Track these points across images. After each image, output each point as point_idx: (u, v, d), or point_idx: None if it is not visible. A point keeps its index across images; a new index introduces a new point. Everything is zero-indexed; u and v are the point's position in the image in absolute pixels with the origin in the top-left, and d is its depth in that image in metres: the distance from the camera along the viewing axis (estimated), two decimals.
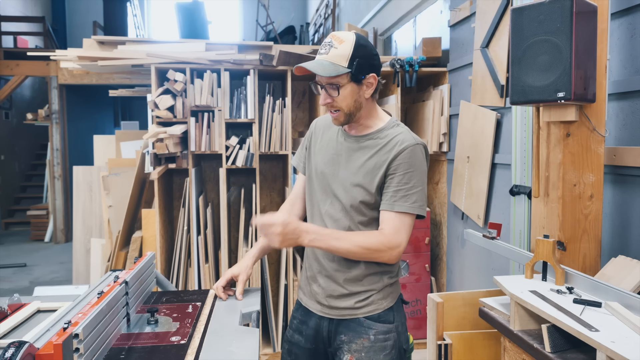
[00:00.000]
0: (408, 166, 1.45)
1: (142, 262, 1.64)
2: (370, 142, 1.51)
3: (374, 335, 1.50)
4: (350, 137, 1.55)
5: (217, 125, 3.24)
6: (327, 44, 1.45)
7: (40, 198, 9.50)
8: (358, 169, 1.50)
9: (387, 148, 1.47)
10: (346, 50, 1.42)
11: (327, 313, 1.55)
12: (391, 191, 1.46)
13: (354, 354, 1.49)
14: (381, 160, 1.47)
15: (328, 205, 1.54)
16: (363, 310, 1.51)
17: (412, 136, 1.49)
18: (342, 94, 1.45)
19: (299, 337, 1.62)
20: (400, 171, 1.45)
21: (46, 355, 1.00)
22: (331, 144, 1.58)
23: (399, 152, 1.45)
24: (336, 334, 1.54)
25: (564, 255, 1.77)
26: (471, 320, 2.01)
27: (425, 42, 3.52)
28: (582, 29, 1.60)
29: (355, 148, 1.52)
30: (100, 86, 7.56)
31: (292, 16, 11.58)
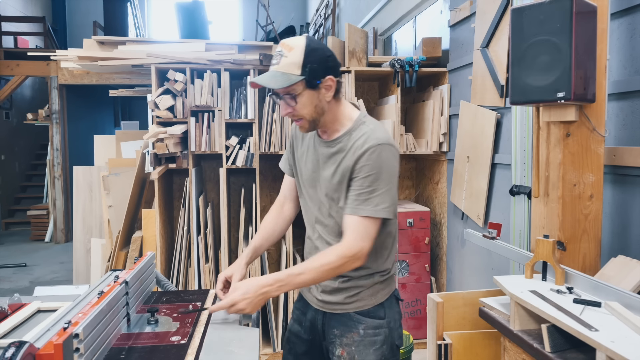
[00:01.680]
0: (370, 168, 1.40)
1: (142, 262, 1.64)
2: (340, 146, 1.48)
3: (364, 330, 1.52)
4: (323, 142, 1.53)
5: (217, 125, 3.24)
6: (278, 53, 1.41)
7: (40, 198, 9.50)
8: (332, 176, 1.49)
9: (351, 151, 1.44)
10: (297, 58, 1.38)
11: (322, 307, 1.58)
12: (353, 195, 1.42)
13: (345, 347, 1.52)
14: (347, 165, 1.45)
15: (317, 212, 1.56)
16: (353, 306, 1.53)
17: (376, 135, 1.43)
18: (301, 102, 1.42)
19: (298, 327, 1.66)
20: (362, 174, 1.41)
21: (46, 355, 1.00)
22: (310, 150, 1.58)
23: (361, 154, 1.41)
24: (329, 327, 1.56)
25: (564, 255, 1.77)
26: (471, 320, 2.01)
27: (425, 42, 3.52)
28: (582, 29, 1.60)
29: (328, 154, 1.51)
30: (100, 86, 7.56)
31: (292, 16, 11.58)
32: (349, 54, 3.42)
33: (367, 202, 1.40)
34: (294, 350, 1.67)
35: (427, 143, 3.46)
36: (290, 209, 1.73)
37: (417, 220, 3.42)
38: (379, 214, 1.40)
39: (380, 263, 1.54)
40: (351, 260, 1.39)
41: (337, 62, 1.47)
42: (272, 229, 1.71)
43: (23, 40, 9.81)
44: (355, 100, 3.40)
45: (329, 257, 1.39)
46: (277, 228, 1.71)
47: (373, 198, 1.40)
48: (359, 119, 1.50)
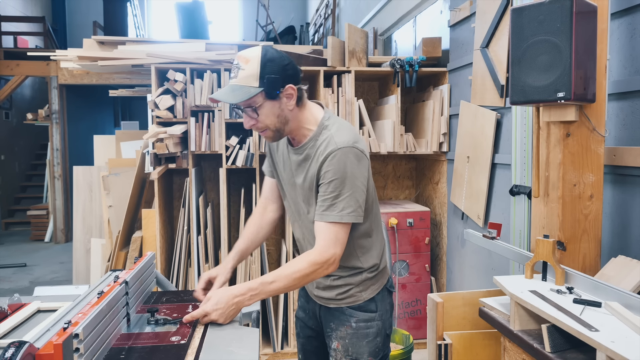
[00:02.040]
0: (332, 174, 1.40)
1: (142, 262, 1.64)
2: (307, 153, 1.49)
3: (356, 323, 1.56)
4: (292, 149, 1.54)
5: (217, 125, 3.24)
6: (235, 66, 1.40)
7: (40, 198, 9.50)
8: (303, 182, 1.52)
9: (316, 157, 1.45)
10: (253, 70, 1.37)
11: (318, 300, 1.65)
12: (319, 201, 1.43)
13: (340, 340, 1.57)
14: (314, 171, 1.46)
15: (298, 216, 1.60)
16: (345, 301, 1.58)
17: (337, 140, 1.42)
18: (263, 114, 1.41)
19: (302, 314, 1.76)
20: (326, 179, 1.41)
21: (46, 355, 1.00)
22: (285, 156, 1.59)
23: (323, 160, 1.42)
24: (326, 320, 1.63)
25: (564, 255, 1.77)
26: (471, 320, 2.02)
27: (425, 42, 3.52)
28: (582, 29, 1.60)
29: (298, 162, 1.52)
30: (100, 86, 7.55)
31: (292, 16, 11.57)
32: (349, 54, 3.42)
33: (332, 207, 1.41)
34: (303, 334, 1.77)
35: (427, 143, 3.46)
36: (273, 210, 1.73)
37: (417, 220, 3.42)
38: (345, 219, 1.41)
39: (366, 261, 1.56)
40: (323, 266, 1.41)
41: (296, 70, 1.46)
42: (256, 232, 1.71)
43: (23, 40, 9.81)
44: (355, 101, 3.40)
45: (301, 265, 1.41)
46: (262, 231, 1.72)
47: (337, 203, 1.40)
48: (321, 123, 1.49)
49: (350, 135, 1.45)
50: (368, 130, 3.41)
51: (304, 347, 1.78)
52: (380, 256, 1.60)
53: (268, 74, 1.38)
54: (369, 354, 1.56)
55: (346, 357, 1.56)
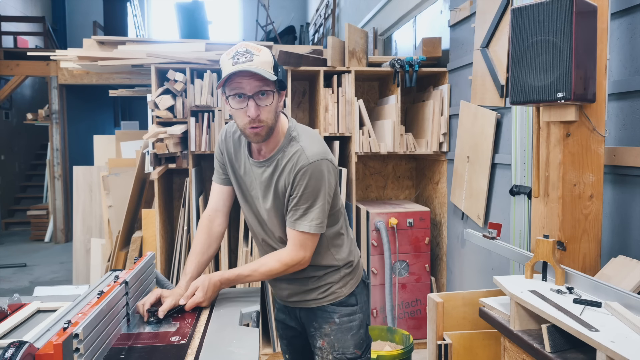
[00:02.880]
0: (304, 187, 1.44)
1: (142, 262, 1.64)
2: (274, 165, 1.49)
3: (339, 318, 1.60)
4: (255, 163, 1.53)
5: (217, 125, 3.24)
6: (245, 52, 1.36)
7: (40, 198, 9.50)
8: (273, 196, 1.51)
9: (286, 171, 1.47)
10: (269, 58, 1.38)
11: (297, 304, 1.67)
12: (292, 209, 1.48)
13: (325, 338, 1.60)
14: (283, 185, 1.48)
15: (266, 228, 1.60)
16: (326, 299, 1.62)
17: (309, 154, 1.45)
18: (269, 106, 1.41)
19: (283, 315, 1.77)
20: (298, 192, 1.45)
21: (46, 355, 1.00)
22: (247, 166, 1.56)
23: (295, 175, 1.45)
24: (308, 320, 1.65)
25: (564, 255, 1.77)
26: (471, 320, 2.01)
27: (425, 42, 3.52)
28: (582, 29, 1.60)
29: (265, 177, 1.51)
30: (100, 86, 7.55)
31: (292, 16, 11.57)
32: (349, 54, 3.42)
33: (303, 218, 1.47)
34: (286, 335, 1.79)
35: (427, 143, 3.46)
36: (221, 224, 1.69)
37: (417, 220, 3.42)
38: (313, 230, 1.48)
39: (342, 258, 1.62)
40: (294, 267, 1.52)
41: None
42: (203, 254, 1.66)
43: (23, 40, 9.81)
44: (355, 101, 3.40)
45: (274, 264, 1.51)
46: (210, 249, 1.68)
47: (308, 214, 1.47)
48: (288, 133, 1.50)
49: (320, 146, 1.49)
50: (368, 130, 3.41)
51: (289, 347, 1.80)
52: (352, 251, 1.67)
53: (278, 67, 1.42)
54: (354, 347, 1.61)
55: (333, 353, 1.59)
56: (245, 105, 1.40)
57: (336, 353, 1.59)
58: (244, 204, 1.63)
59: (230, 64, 1.37)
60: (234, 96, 1.41)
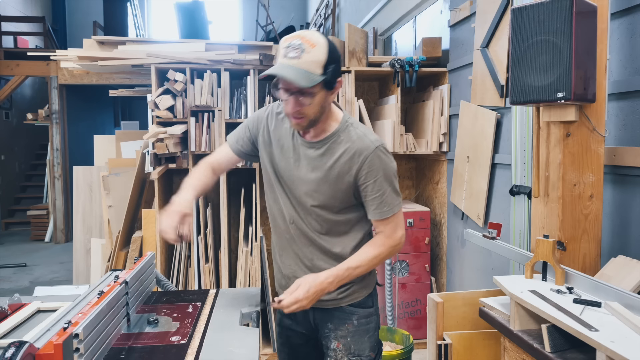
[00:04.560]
0: (375, 173, 1.43)
1: (142, 262, 1.64)
2: (327, 148, 1.46)
3: (357, 320, 1.56)
4: (306, 143, 1.48)
5: (217, 125, 3.24)
6: (297, 46, 1.32)
7: (40, 198, 9.49)
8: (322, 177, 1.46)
9: (346, 157, 1.44)
10: (320, 57, 1.33)
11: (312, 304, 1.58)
12: (370, 200, 1.47)
13: (340, 340, 1.55)
14: (344, 170, 1.44)
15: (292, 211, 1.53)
16: (346, 300, 1.56)
17: (368, 140, 1.44)
18: (313, 103, 1.37)
19: (289, 321, 1.66)
20: (370, 180, 1.44)
21: (46, 355, 1.00)
22: (287, 145, 1.52)
23: (361, 163, 1.43)
24: (322, 321, 1.58)
25: (564, 255, 1.77)
26: (471, 320, 2.01)
27: (425, 42, 3.52)
28: (582, 29, 1.60)
29: (314, 156, 1.47)
30: (100, 86, 7.55)
31: (292, 16, 11.57)
32: (349, 54, 3.42)
33: (383, 204, 1.46)
34: (290, 342, 1.69)
35: (427, 143, 3.46)
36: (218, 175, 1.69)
37: (417, 220, 3.42)
38: (396, 210, 1.48)
39: None
40: (396, 248, 1.51)
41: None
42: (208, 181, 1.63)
43: (23, 40, 9.80)
44: (355, 101, 3.40)
45: (380, 249, 1.49)
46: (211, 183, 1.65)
47: (386, 199, 1.46)
48: (344, 120, 1.49)
49: (375, 134, 1.51)
50: None
51: (291, 356, 1.70)
52: None
53: (331, 63, 1.35)
54: (369, 349, 1.56)
55: (348, 355, 1.54)
56: (286, 97, 1.38)
57: (352, 355, 1.54)
58: (276, 185, 1.55)
59: (281, 56, 1.34)
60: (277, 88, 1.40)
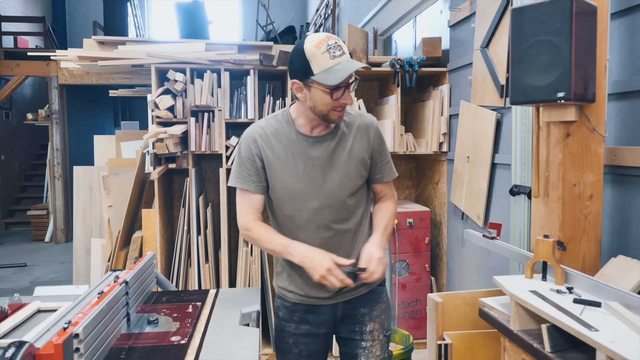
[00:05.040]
0: (381, 140, 1.64)
1: (142, 262, 1.64)
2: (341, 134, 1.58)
3: (384, 297, 1.70)
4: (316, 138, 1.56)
5: (217, 125, 3.24)
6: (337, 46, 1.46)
7: (40, 198, 9.50)
8: (346, 162, 1.57)
9: (361, 133, 1.60)
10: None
11: (344, 297, 1.62)
12: (382, 165, 1.65)
13: (376, 320, 1.64)
14: (362, 146, 1.59)
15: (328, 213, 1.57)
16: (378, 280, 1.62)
17: (368, 115, 1.66)
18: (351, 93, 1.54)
19: (306, 326, 1.63)
20: (382, 146, 1.65)
21: (46, 355, 1.00)
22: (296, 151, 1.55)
23: (374, 134, 1.62)
24: (353, 309, 1.64)
25: (564, 255, 1.77)
26: (471, 320, 2.01)
27: (425, 42, 3.52)
28: (582, 29, 1.60)
29: (332, 146, 1.57)
30: (100, 86, 7.56)
31: (292, 16, 11.57)
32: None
33: (389, 168, 1.67)
34: (308, 349, 1.64)
35: (427, 143, 3.46)
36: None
37: (417, 220, 3.42)
38: (395, 175, 1.70)
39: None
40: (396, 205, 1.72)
41: None
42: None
43: (23, 40, 9.81)
44: (355, 101, 3.40)
45: (394, 206, 1.70)
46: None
47: (390, 164, 1.68)
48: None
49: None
50: None
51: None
52: None
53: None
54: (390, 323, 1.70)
55: (383, 332, 1.65)
56: (340, 94, 1.49)
57: (385, 331, 1.65)
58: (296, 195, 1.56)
59: (328, 58, 1.44)
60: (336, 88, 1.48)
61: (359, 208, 1.63)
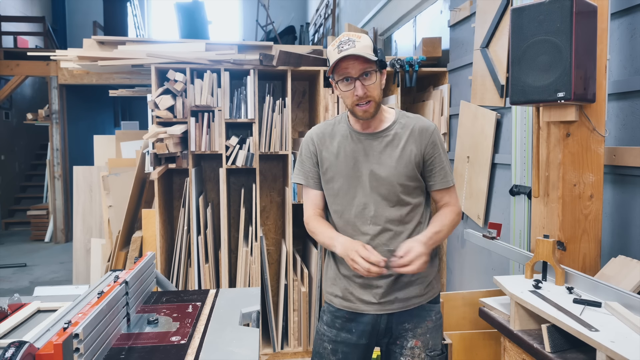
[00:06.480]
0: (439, 147, 1.61)
1: (142, 262, 1.64)
2: (393, 133, 1.59)
3: (435, 316, 1.63)
4: (369, 135, 1.60)
5: (217, 125, 3.24)
6: (348, 41, 1.49)
7: (40, 198, 9.50)
8: (397, 160, 1.57)
9: (414, 136, 1.59)
10: (369, 42, 1.51)
11: (388, 309, 1.59)
12: (437, 172, 1.61)
13: (419, 337, 1.59)
14: (414, 148, 1.58)
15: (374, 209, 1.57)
16: (427, 296, 1.62)
17: (427, 120, 1.64)
18: (373, 83, 1.52)
19: (347, 335, 1.63)
20: (437, 153, 1.60)
21: (46, 355, 1.00)
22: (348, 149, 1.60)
23: (429, 138, 1.59)
24: (398, 324, 1.61)
25: (564, 255, 1.77)
26: (471, 320, 2.02)
27: (425, 42, 3.52)
28: (582, 29, 1.60)
29: (383, 143, 1.59)
30: (100, 86, 7.55)
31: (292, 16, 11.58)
32: None
33: (448, 174, 1.62)
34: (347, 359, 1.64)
35: None
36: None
37: None
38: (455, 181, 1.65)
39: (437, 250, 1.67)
40: (459, 217, 1.64)
41: None
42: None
43: (23, 40, 9.81)
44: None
45: (453, 215, 1.61)
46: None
47: (448, 170, 1.63)
48: (397, 110, 1.67)
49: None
50: None
51: None
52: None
53: (377, 48, 1.55)
54: (440, 343, 1.64)
55: (426, 351, 1.60)
56: (353, 86, 1.51)
57: (429, 351, 1.60)
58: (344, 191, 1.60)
59: (336, 53, 1.50)
60: (342, 80, 1.53)
61: (414, 213, 1.60)
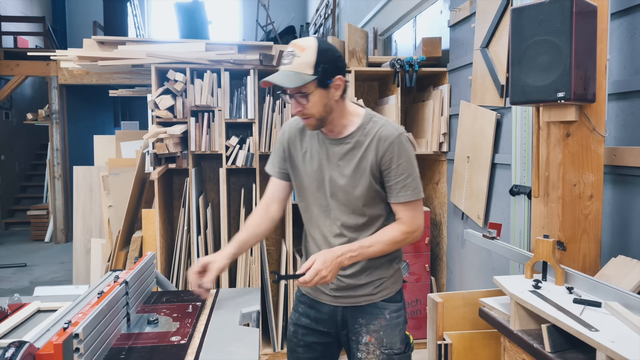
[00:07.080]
0: (397, 158, 1.51)
1: (142, 262, 1.64)
2: (355, 141, 1.54)
3: (389, 314, 1.62)
4: (332, 140, 1.57)
5: (217, 125, 3.24)
6: (289, 53, 1.45)
7: (40, 198, 9.50)
8: (354, 170, 1.54)
9: (373, 145, 1.52)
10: (310, 58, 1.43)
11: (342, 302, 1.63)
12: (392, 185, 1.53)
13: (373, 334, 1.60)
14: (371, 158, 1.52)
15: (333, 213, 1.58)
16: (378, 295, 1.62)
17: (393, 127, 1.53)
18: (312, 101, 1.46)
19: (307, 320, 1.69)
20: (393, 165, 1.51)
21: (46, 355, 1.00)
22: (313, 150, 1.60)
23: (386, 147, 1.50)
24: (352, 318, 1.63)
25: (564, 255, 1.77)
26: (471, 320, 2.01)
27: (425, 42, 3.52)
28: (582, 29, 1.60)
29: (343, 151, 1.55)
30: (100, 86, 7.55)
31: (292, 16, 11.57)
32: (349, 54, 3.42)
33: (406, 187, 1.52)
34: (304, 340, 1.70)
35: (427, 143, 3.46)
36: (276, 210, 1.71)
37: None
38: (417, 196, 1.54)
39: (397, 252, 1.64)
40: (412, 235, 1.55)
41: (344, 63, 1.57)
42: (257, 226, 1.68)
43: (23, 40, 9.81)
44: (355, 100, 3.40)
45: (395, 233, 1.54)
46: (263, 226, 1.69)
47: (409, 183, 1.53)
48: (367, 114, 1.58)
49: (398, 124, 1.60)
50: None
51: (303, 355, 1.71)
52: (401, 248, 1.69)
53: (322, 63, 1.44)
54: (400, 342, 1.64)
55: (381, 348, 1.60)
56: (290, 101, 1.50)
57: (384, 348, 1.61)
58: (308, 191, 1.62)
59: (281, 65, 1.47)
60: (282, 94, 1.51)
61: (373, 223, 1.58)
